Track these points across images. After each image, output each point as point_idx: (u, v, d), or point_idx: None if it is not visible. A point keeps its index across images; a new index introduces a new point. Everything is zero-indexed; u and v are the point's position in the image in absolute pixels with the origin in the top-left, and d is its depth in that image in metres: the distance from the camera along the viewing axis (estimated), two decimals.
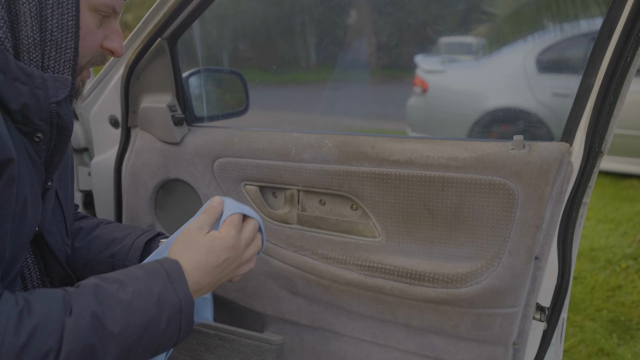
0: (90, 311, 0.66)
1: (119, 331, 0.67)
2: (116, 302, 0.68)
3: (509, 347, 1.08)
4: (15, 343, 0.59)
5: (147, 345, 0.71)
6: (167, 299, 0.72)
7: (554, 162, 0.96)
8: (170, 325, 0.72)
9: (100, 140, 1.46)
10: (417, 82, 4.82)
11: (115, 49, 0.85)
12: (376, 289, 1.14)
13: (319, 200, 1.20)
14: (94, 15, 0.80)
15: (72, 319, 0.64)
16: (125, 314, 0.68)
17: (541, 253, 1.02)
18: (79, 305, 0.66)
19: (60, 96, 0.76)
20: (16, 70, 0.71)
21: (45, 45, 0.74)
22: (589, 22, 4.15)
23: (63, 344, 0.62)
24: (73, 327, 0.64)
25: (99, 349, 0.65)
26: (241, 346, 1.34)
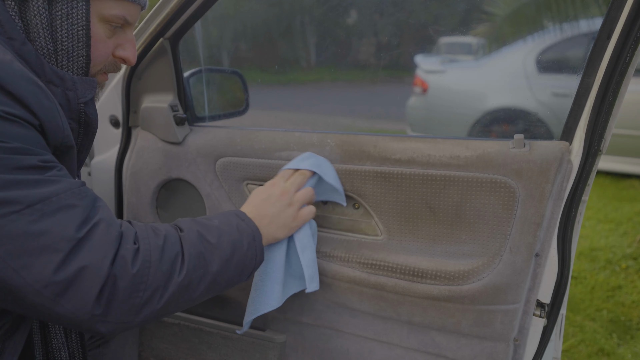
0: (195, 229, 0.84)
1: (217, 244, 0.84)
2: (210, 227, 0.86)
3: (510, 343, 1.09)
4: (157, 242, 0.76)
5: (236, 263, 0.87)
6: (243, 228, 0.91)
7: (554, 161, 0.97)
8: (250, 249, 0.90)
9: (101, 140, 1.47)
10: (417, 82, 4.83)
11: (127, 58, 0.89)
12: (378, 287, 1.14)
13: None
14: (104, 25, 0.83)
15: (184, 234, 0.82)
16: (219, 233, 0.86)
17: (541, 250, 1.03)
18: (185, 227, 0.84)
19: (88, 96, 0.83)
20: (50, 73, 0.78)
21: (57, 54, 0.79)
22: (588, 22, 4.16)
23: (184, 249, 0.79)
24: (187, 238, 0.81)
25: (207, 257, 0.82)
26: (244, 344, 1.35)
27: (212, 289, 0.84)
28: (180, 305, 0.79)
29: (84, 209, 0.70)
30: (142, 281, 0.72)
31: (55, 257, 0.65)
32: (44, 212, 0.66)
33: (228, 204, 1.29)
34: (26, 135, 0.68)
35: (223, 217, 0.92)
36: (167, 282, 0.75)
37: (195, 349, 1.42)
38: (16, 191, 0.65)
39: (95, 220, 0.71)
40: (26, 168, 0.67)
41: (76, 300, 0.67)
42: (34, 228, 0.65)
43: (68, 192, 0.70)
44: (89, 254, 0.68)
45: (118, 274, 0.69)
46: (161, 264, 0.74)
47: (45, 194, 0.67)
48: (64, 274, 0.66)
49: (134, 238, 0.75)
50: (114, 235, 0.71)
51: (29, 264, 0.64)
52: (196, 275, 0.79)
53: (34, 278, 0.65)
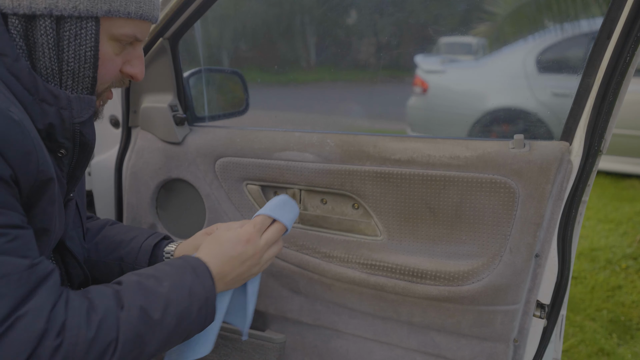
0: (138, 305, 0.74)
1: (160, 320, 0.75)
2: (157, 296, 0.77)
3: (510, 344, 1.09)
4: (87, 335, 0.67)
5: (182, 332, 0.80)
6: (196, 291, 0.81)
7: (554, 161, 0.97)
8: (200, 313, 0.82)
9: (101, 140, 1.47)
10: (417, 82, 4.83)
11: (135, 74, 0.86)
12: (378, 287, 1.14)
13: (320, 199, 1.21)
14: (114, 44, 0.80)
15: (124, 312, 0.72)
16: (166, 305, 0.77)
17: (541, 251, 1.03)
18: (128, 300, 0.74)
19: (84, 116, 0.79)
20: (44, 91, 0.74)
21: (62, 74, 0.76)
22: (588, 22, 4.16)
23: (120, 335, 0.70)
24: (126, 319, 0.72)
25: (147, 338, 0.74)
26: (243, 345, 1.35)
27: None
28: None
29: (13, 299, 0.64)
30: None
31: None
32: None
33: (228, 204, 1.29)
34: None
35: (176, 276, 0.82)
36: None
37: None
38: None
39: (22, 312, 0.64)
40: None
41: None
42: None
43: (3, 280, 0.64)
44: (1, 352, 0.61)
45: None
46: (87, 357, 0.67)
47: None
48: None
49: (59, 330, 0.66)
50: (37, 331, 0.64)
51: None
52: (130, 357, 0.72)
53: None
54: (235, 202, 1.29)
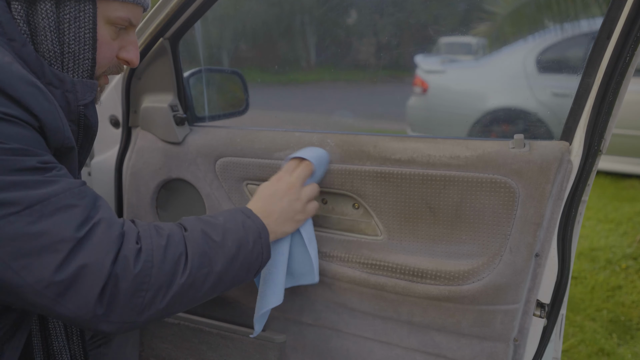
0: (199, 229, 0.83)
1: (221, 244, 0.83)
2: (214, 224, 0.86)
3: (510, 344, 1.09)
4: (160, 243, 0.75)
5: (242, 261, 0.86)
6: (249, 225, 0.90)
7: (554, 161, 0.97)
8: (256, 247, 0.89)
9: (101, 140, 1.47)
10: (417, 82, 4.83)
11: (130, 60, 0.90)
12: (378, 287, 1.14)
13: (321, 199, 1.21)
14: (110, 27, 0.84)
15: (188, 233, 0.81)
16: (223, 230, 0.85)
17: (541, 250, 1.03)
18: (189, 226, 0.83)
19: (87, 99, 0.83)
20: (50, 75, 0.78)
21: (63, 56, 0.80)
22: (588, 22, 4.16)
23: (188, 249, 0.78)
24: (190, 238, 0.80)
25: (211, 256, 0.81)
26: (243, 344, 1.35)
27: (216, 288, 0.84)
28: (184, 304, 0.79)
29: (84, 209, 0.70)
30: (144, 281, 0.72)
31: (55, 257, 0.65)
32: (42, 213, 0.66)
33: (228, 204, 1.29)
34: (25, 135, 0.68)
35: (228, 215, 0.91)
36: (170, 282, 0.75)
37: (195, 349, 1.42)
38: (15, 192, 0.65)
39: (96, 219, 0.71)
40: (25, 169, 0.67)
41: (77, 300, 0.67)
42: (33, 229, 0.65)
43: (67, 192, 0.70)
44: (89, 253, 0.68)
45: (120, 274, 0.69)
46: (164, 264, 0.74)
47: (44, 195, 0.67)
48: (65, 274, 0.66)
49: (136, 238, 0.74)
50: (115, 234, 0.71)
51: (29, 264, 0.65)
52: (200, 274, 0.79)
53: (35, 279, 0.65)
54: (236, 202, 1.29)
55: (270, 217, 0.97)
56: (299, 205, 1.03)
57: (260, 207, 0.99)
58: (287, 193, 1.02)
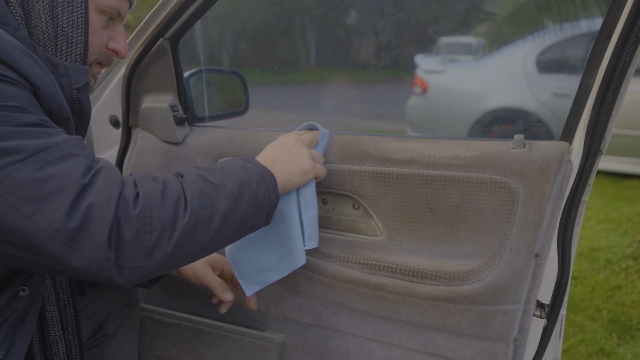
0: (195, 173, 0.83)
1: (222, 185, 0.83)
2: (212, 169, 0.86)
3: (510, 344, 1.09)
4: (157, 187, 0.76)
5: (247, 201, 0.86)
6: (249, 168, 0.90)
7: (554, 161, 0.97)
8: (260, 187, 0.88)
9: (101, 140, 1.47)
10: (417, 82, 4.83)
11: (119, 50, 0.93)
12: (378, 287, 1.14)
13: (321, 199, 1.21)
14: (99, 16, 0.87)
15: (184, 178, 0.82)
16: (222, 173, 0.85)
17: (541, 250, 1.03)
18: (186, 172, 0.84)
19: (80, 83, 0.85)
20: (44, 59, 0.80)
21: (57, 39, 0.82)
22: (588, 22, 4.16)
23: (185, 191, 0.79)
24: (187, 181, 0.81)
25: (212, 196, 0.81)
26: (243, 345, 1.35)
27: (225, 228, 0.83)
28: (194, 247, 0.78)
29: (86, 158, 0.72)
30: (145, 223, 0.72)
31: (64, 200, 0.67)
32: (47, 160, 0.68)
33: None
34: (23, 96, 0.70)
35: (227, 161, 0.92)
36: (172, 223, 0.75)
37: (195, 349, 1.42)
38: (18, 141, 0.66)
39: (98, 167, 0.73)
40: (26, 124, 0.68)
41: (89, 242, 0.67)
42: (40, 175, 0.66)
43: (69, 143, 0.72)
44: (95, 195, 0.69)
45: (121, 216, 0.71)
46: (163, 205, 0.75)
47: (47, 144, 0.69)
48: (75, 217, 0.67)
49: (134, 184, 0.76)
50: (116, 180, 0.73)
51: (40, 209, 0.65)
52: (203, 215, 0.79)
53: (46, 222, 0.66)
54: None
55: (275, 163, 0.98)
56: (306, 156, 1.03)
57: (264, 155, 1.00)
58: (295, 144, 1.03)
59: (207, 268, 1.14)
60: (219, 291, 1.08)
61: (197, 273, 1.13)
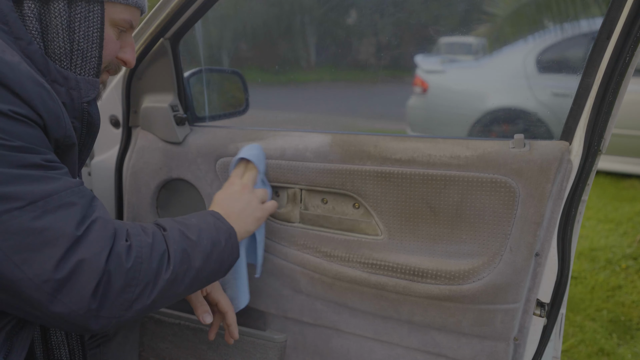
0: (177, 228, 0.87)
1: (198, 242, 0.87)
2: (189, 225, 0.90)
3: (510, 343, 1.09)
4: (147, 241, 0.79)
5: (216, 259, 0.91)
6: (219, 226, 0.95)
7: (554, 160, 0.97)
8: (227, 246, 0.94)
9: (101, 140, 1.47)
10: (417, 82, 4.83)
11: (128, 60, 0.95)
12: (379, 286, 1.14)
13: (321, 199, 1.21)
14: (113, 29, 0.89)
15: (167, 232, 0.85)
16: (198, 230, 0.89)
17: (541, 250, 1.03)
18: (167, 226, 0.87)
19: (90, 96, 0.86)
20: (55, 73, 0.81)
21: (72, 54, 0.83)
22: (588, 22, 4.16)
23: (169, 247, 0.82)
24: (170, 237, 0.84)
25: (190, 253, 0.85)
26: (244, 344, 1.35)
27: (194, 284, 0.87)
28: (167, 300, 0.82)
29: (83, 208, 0.73)
30: (134, 277, 0.75)
31: (55, 252, 0.67)
32: (45, 209, 0.68)
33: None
34: (31, 134, 0.70)
35: (200, 217, 0.96)
36: (156, 278, 0.78)
37: (195, 349, 1.42)
38: (19, 187, 0.67)
39: (93, 217, 0.74)
40: (29, 166, 0.69)
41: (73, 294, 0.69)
42: (36, 224, 0.67)
43: (68, 191, 0.72)
44: (87, 249, 0.70)
45: (112, 270, 0.72)
46: (151, 260, 0.78)
47: (47, 192, 0.69)
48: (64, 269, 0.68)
49: (126, 235, 0.78)
50: (109, 232, 0.74)
51: (30, 259, 0.66)
52: (181, 270, 0.83)
53: (35, 272, 0.66)
54: None
55: (231, 217, 1.01)
56: (256, 202, 1.08)
57: (222, 208, 1.03)
58: (242, 193, 1.07)
59: None
60: (198, 312, 1.09)
61: None
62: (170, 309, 1.44)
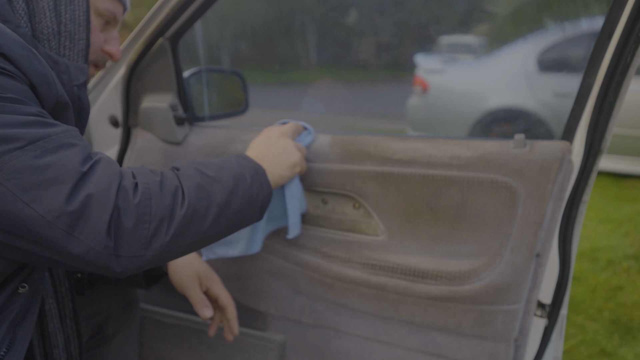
0: (192, 167, 0.85)
1: (217, 178, 0.85)
2: (207, 164, 0.88)
3: (511, 344, 1.09)
4: (155, 179, 0.78)
5: (243, 194, 0.88)
6: (243, 164, 0.93)
7: (555, 161, 0.97)
8: (255, 182, 0.91)
9: (100, 140, 1.47)
10: (417, 82, 4.83)
11: (113, 53, 0.97)
12: (379, 287, 1.14)
13: (321, 199, 1.21)
14: (97, 18, 0.91)
15: (181, 171, 0.83)
16: (218, 167, 0.88)
17: (542, 250, 1.03)
18: (182, 166, 0.86)
19: (80, 80, 0.87)
20: (44, 56, 0.81)
21: (60, 36, 0.84)
22: (589, 21, 4.16)
23: (182, 183, 0.80)
24: (184, 174, 0.82)
25: (208, 188, 0.83)
26: (244, 345, 1.35)
27: (221, 221, 0.84)
28: (190, 237, 0.80)
29: (84, 148, 0.73)
30: (145, 212, 0.73)
31: (63, 188, 0.67)
32: (46, 149, 0.68)
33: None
34: (21, 89, 0.71)
35: (222, 158, 0.95)
36: (171, 213, 0.76)
37: (195, 349, 1.42)
38: (17, 129, 0.67)
39: (96, 158, 0.74)
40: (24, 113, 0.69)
41: (89, 229, 0.68)
42: (39, 162, 0.67)
43: (67, 133, 0.73)
44: (94, 185, 0.70)
45: (121, 206, 0.71)
46: (161, 196, 0.76)
47: (45, 133, 0.69)
48: (74, 204, 0.67)
49: (132, 175, 0.77)
50: (115, 170, 0.74)
51: (39, 196, 0.66)
52: (200, 206, 0.80)
53: (46, 209, 0.66)
54: None
55: (265, 159, 1.00)
56: (293, 148, 1.05)
57: (253, 152, 1.02)
58: (280, 138, 1.05)
59: (194, 282, 1.13)
60: (198, 307, 1.08)
61: (183, 284, 1.12)
62: (170, 309, 1.44)
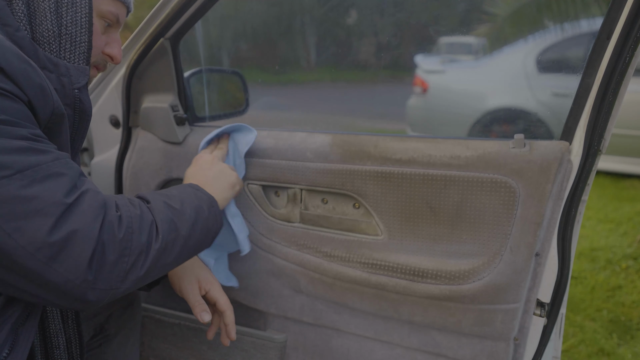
0: (161, 200, 0.88)
1: (182, 210, 0.89)
2: (171, 196, 0.91)
3: (510, 343, 1.09)
4: (136, 212, 0.80)
5: (201, 227, 0.92)
6: (200, 196, 0.96)
7: (554, 161, 0.97)
8: (211, 214, 0.95)
9: (101, 140, 1.47)
10: (417, 82, 4.83)
11: (114, 56, 0.96)
12: (379, 286, 1.14)
13: (321, 199, 1.21)
14: (99, 21, 0.90)
15: (152, 204, 0.87)
16: (180, 200, 0.91)
17: (541, 250, 1.03)
18: (150, 198, 0.89)
19: (81, 82, 0.86)
20: (44, 59, 0.81)
21: (61, 38, 0.83)
22: (588, 22, 4.16)
23: (155, 217, 0.84)
24: (155, 208, 0.86)
25: (176, 222, 0.86)
26: (244, 344, 1.35)
27: (183, 253, 0.88)
28: (159, 270, 0.83)
29: (71, 178, 0.73)
30: (126, 247, 0.75)
31: (47, 220, 0.67)
32: (33, 179, 0.68)
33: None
34: (17, 109, 0.70)
35: (180, 188, 0.97)
36: (147, 248, 0.79)
37: (195, 349, 1.43)
38: (6, 157, 0.66)
39: (83, 188, 0.74)
40: (15, 138, 0.69)
41: (69, 263, 0.68)
42: (25, 193, 0.67)
43: (56, 162, 0.72)
44: (79, 218, 0.70)
45: (106, 240, 0.72)
46: (141, 230, 0.78)
47: (34, 161, 0.69)
48: (56, 237, 0.67)
49: (116, 207, 0.78)
50: (100, 202, 0.75)
51: (22, 227, 0.66)
52: (170, 239, 0.84)
53: (27, 240, 0.66)
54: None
55: (208, 187, 1.03)
56: (229, 171, 1.10)
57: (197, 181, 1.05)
58: (212, 163, 1.10)
59: (193, 285, 1.12)
60: (196, 310, 1.08)
61: (182, 287, 1.12)
62: (171, 309, 1.44)
